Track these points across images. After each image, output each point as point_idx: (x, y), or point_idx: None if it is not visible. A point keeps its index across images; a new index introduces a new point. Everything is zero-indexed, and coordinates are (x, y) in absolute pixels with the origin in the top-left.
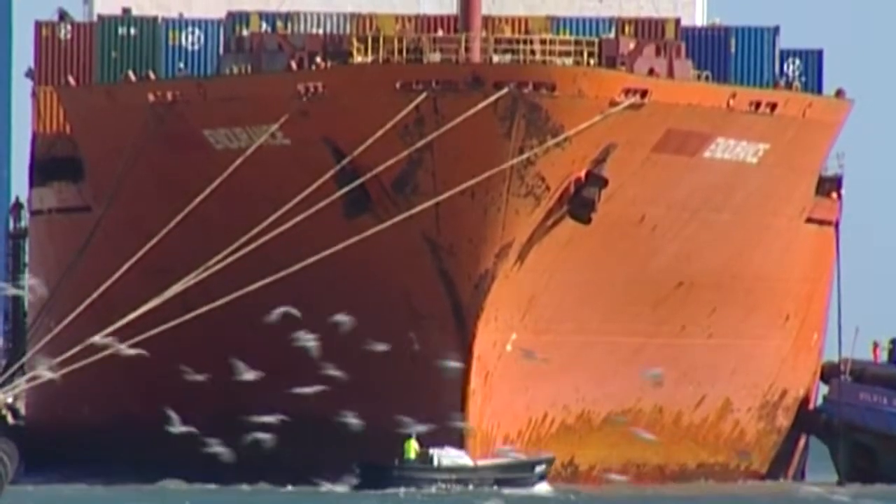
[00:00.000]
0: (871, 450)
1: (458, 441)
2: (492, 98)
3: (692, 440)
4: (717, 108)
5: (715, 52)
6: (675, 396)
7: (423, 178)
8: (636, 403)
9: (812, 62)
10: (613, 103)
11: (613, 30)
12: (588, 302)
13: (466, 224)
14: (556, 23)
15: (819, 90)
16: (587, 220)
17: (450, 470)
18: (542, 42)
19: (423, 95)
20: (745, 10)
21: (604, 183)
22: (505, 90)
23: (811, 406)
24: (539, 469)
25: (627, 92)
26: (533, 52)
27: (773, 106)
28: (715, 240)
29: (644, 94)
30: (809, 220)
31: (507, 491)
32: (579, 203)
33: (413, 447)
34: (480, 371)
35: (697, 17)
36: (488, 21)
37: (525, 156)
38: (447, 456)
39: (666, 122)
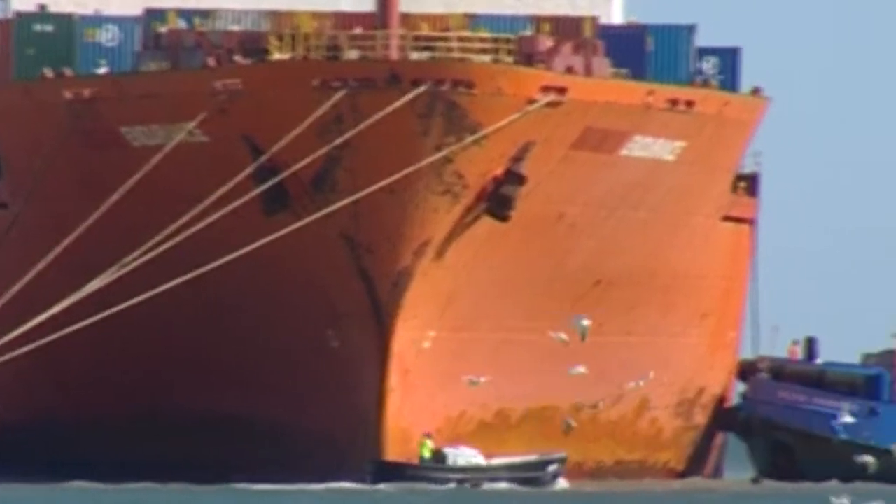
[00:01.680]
0: (790, 447)
1: None
2: (410, 95)
3: (610, 437)
4: (635, 105)
5: (632, 49)
6: (592, 394)
7: (342, 176)
8: (554, 401)
9: (729, 60)
10: (531, 101)
11: (531, 27)
12: (506, 299)
13: (385, 222)
14: (474, 20)
15: (736, 88)
16: (505, 218)
17: (464, 469)
18: (461, 39)
19: (342, 93)
20: (661, 8)
21: (522, 180)
22: (423, 88)
23: (727, 404)
24: (552, 468)
25: (545, 90)
26: (451, 50)
27: (690, 104)
28: (632, 237)
29: (562, 91)
30: (726, 218)
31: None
32: (497, 201)
33: (428, 446)
34: (399, 369)
35: (615, 15)
36: (406, 18)
37: (443, 153)
38: (461, 455)
39: (584, 119)
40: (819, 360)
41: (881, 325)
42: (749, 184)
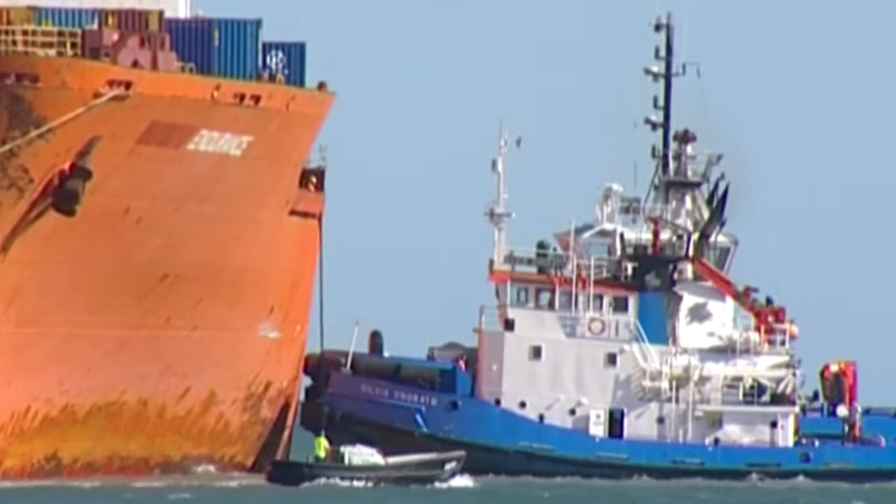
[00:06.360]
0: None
1: None
2: None
3: (176, 433)
4: (202, 100)
5: (199, 44)
6: (159, 389)
7: None
8: (121, 396)
9: (295, 55)
10: (97, 95)
11: (97, 21)
12: (73, 294)
13: None
14: (38, 13)
15: (302, 83)
16: (71, 213)
17: (361, 468)
18: (25, 33)
19: None
20: (227, 3)
21: (88, 175)
22: None
23: (294, 398)
24: (449, 466)
25: (111, 83)
26: (15, 43)
27: (257, 98)
28: (199, 232)
29: (128, 85)
30: (293, 213)
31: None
32: (63, 195)
33: (323, 445)
34: None
35: (180, 9)
36: None
37: (8, 147)
38: (358, 454)
39: (150, 114)
40: (386, 354)
41: (449, 317)
42: (315, 178)
